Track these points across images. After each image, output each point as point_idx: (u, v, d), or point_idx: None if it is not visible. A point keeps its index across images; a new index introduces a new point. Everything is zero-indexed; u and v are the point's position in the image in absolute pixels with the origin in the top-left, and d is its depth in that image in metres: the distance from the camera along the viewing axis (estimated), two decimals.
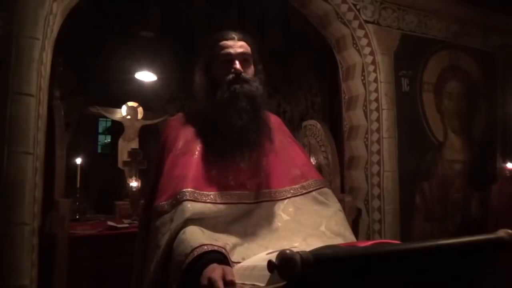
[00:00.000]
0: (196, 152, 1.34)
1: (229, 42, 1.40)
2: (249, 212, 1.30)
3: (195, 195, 1.23)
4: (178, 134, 1.41)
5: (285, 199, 1.36)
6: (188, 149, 1.35)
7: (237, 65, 1.37)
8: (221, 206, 1.26)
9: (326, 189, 1.44)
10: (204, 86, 1.43)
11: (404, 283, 0.91)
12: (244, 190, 1.32)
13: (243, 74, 1.37)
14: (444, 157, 3.15)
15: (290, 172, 1.42)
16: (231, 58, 1.38)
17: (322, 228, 1.30)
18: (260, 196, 1.34)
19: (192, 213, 1.19)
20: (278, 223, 1.31)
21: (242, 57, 1.39)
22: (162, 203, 1.27)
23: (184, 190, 1.23)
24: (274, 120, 1.53)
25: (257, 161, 1.37)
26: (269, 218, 1.31)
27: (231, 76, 1.36)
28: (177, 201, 1.23)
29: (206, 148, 1.35)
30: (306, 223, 1.31)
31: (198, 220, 1.21)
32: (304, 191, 1.40)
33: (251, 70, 1.41)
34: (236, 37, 1.41)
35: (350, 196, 2.86)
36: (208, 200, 1.24)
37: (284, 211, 1.34)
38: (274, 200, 1.35)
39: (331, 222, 1.33)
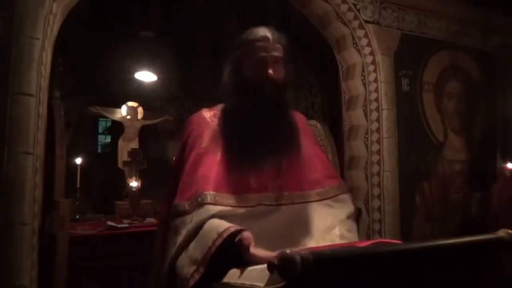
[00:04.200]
0: (220, 153, 1.35)
1: (264, 44, 1.37)
2: (267, 214, 1.32)
3: (216, 198, 1.25)
4: (202, 131, 1.42)
5: (302, 203, 1.37)
6: (211, 149, 1.37)
7: (270, 71, 1.35)
8: (240, 210, 1.27)
9: (342, 196, 1.46)
10: (232, 85, 1.42)
11: (404, 283, 0.91)
12: (266, 192, 1.34)
13: (275, 78, 1.36)
14: (444, 157, 3.15)
15: (309, 176, 1.43)
16: (264, 61, 1.36)
17: (336, 232, 1.33)
18: (280, 199, 1.35)
19: (213, 214, 1.22)
20: (292, 226, 1.32)
21: (274, 59, 1.38)
22: (183, 202, 1.28)
23: (206, 192, 1.25)
24: (299, 120, 1.53)
25: (280, 164, 1.38)
26: (285, 221, 1.33)
27: (262, 81, 1.35)
28: (198, 203, 1.25)
29: (230, 149, 1.35)
30: (320, 227, 1.34)
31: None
32: (319, 198, 1.41)
33: (281, 72, 1.41)
34: (270, 38, 1.38)
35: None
36: (227, 203, 1.26)
37: (299, 216, 1.35)
38: (292, 204, 1.36)
39: (343, 227, 1.36)
